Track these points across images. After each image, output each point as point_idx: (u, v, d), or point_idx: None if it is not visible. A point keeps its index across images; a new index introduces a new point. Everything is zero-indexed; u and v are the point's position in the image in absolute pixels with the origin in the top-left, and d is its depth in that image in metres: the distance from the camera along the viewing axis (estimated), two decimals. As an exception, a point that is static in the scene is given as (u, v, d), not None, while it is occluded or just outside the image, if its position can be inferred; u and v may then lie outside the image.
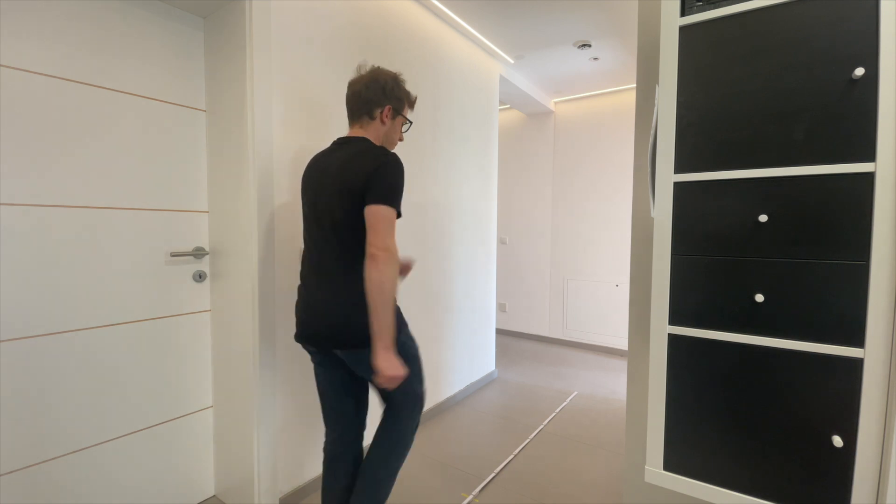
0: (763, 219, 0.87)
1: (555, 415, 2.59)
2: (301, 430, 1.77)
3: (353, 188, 1.16)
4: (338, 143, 1.32)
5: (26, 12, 1.25)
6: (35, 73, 1.28)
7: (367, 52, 1.98)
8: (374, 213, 1.14)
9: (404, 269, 1.49)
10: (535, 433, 2.35)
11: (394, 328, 1.16)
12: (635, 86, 1.33)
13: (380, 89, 1.28)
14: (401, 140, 1.41)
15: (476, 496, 1.80)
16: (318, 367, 1.36)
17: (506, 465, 2.03)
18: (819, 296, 0.83)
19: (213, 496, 1.76)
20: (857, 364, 0.80)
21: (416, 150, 2.31)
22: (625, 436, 1.46)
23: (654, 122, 1.04)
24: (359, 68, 1.36)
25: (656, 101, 1.01)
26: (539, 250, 4.25)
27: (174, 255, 1.58)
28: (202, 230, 1.68)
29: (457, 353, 2.76)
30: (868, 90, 0.77)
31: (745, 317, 0.90)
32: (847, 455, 0.82)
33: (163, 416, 1.59)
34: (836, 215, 0.81)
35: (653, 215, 1.00)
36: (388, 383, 1.16)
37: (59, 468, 1.36)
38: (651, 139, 1.06)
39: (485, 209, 3.00)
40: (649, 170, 1.06)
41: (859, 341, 0.80)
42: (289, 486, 1.73)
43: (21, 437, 1.28)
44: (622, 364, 3.54)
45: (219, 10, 1.58)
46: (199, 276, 1.67)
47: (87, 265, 1.39)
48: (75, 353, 1.38)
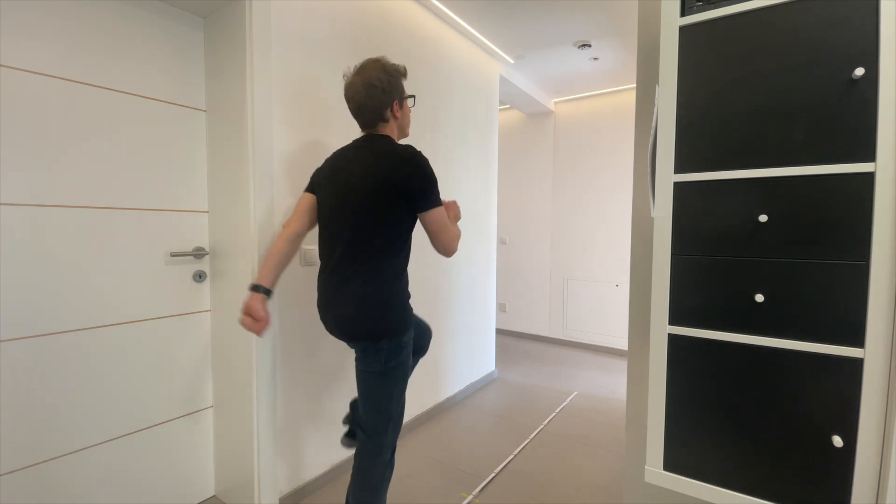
0: (763, 219, 0.87)
1: (555, 415, 2.59)
2: (301, 430, 1.77)
3: (384, 190, 1.21)
4: (361, 142, 1.34)
5: (26, 12, 1.25)
6: (35, 73, 1.28)
7: (366, 52, 1.97)
8: (432, 220, 1.24)
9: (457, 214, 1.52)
10: (534, 433, 2.35)
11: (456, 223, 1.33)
12: (635, 86, 1.33)
13: (380, 92, 1.28)
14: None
15: (476, 496, 1.80)
16: (356, 360, 1.35)
17: (506, 465, 2.03)
18: (819, 296, 0.83)
19: (213, 496, 1.76)
20: (857, 364, 0.80)
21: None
22: (625, 436, 1.46)
23: (654, 122, 1.04)
24: (345, 76, 1.35)
25: (656, 101, 1.01)
26: (539, 250, 4.25)
27: (174, 255, 1.58)
28: (202, 230, 1.68)
29: (457, 353, 2.76)
30: (868, 90, 0.77)
31: (745, 317, 0.90)
32: (847, 455, 0.82)
33: (163, 416, 1.59)
34: (836, 215, 0.81)
35: (653, 215, 1.00)
36: (452, 207, 1.40)
37: (59, 468, 1.36)
38: (651, 139, 1.06)
39: (485, 209, 3.00)
40: (649, 170, 1.06)
41: (859, 341, 0.80)
42: (289, 486, 1.74)
43: (21, 437, 1.28)
44: (622, 364, 3.53)
45: (219, 10, 1.58)
46: (199, 276, 1.67)
47: (86, 265, 1.39)
48: (75, 353, 1.38)
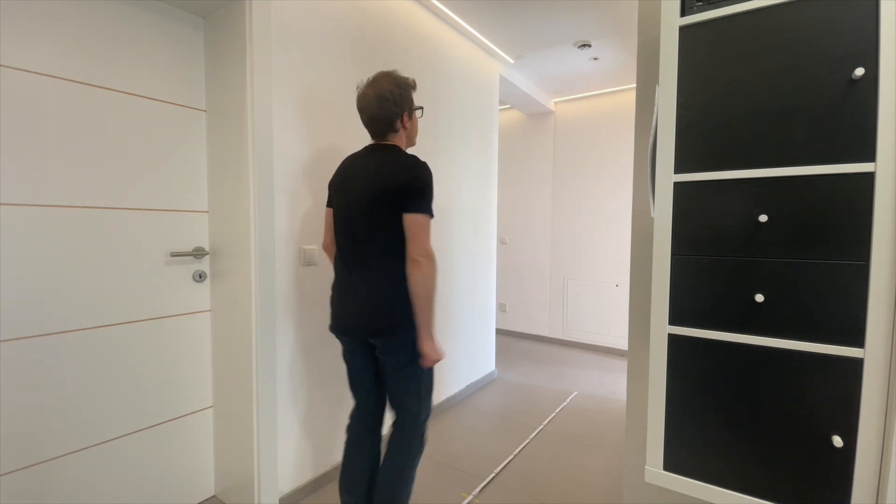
0: (763, 219, 0.87)
1: (555, 415, 2.59)
2: (301, 430, 1.77)
3: (387, 194, 1.28)
4: (370, 149, 1.42)
5: (26, 12, 1.25)
6: (35, 73, 1.28)
7: (366, 53, 1.98)
8: (413, 222, 1.27)
9: None
10: (535, 433, 2.35)
11: (434, 318, 1.32)
12: (635, 86, 1.33)
13: (392, 104, 1.35)
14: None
15: (476, 496, 1.80)
16: (349, 355, 1.46)
17: (506, 465, 2.03)
18: (819, 296, 0.83)
19: (213, 496, 1.76)
20: (857, 364, 0.80)
21: (416, 150, 2.29)
22: (625, 436, 1.46)
23: (654, 122, 1.04)
24: (358, 88, 1.42)
25: (656, 101, 1.01)
26: (539, 250, 4.25)
27: (174, 255, 1.58)
28: (202, 230, 1.68)
29: (457, 353, 2.76)
30: (868, 90, 0.77)
31: (745, 317, 0.90)
32: (847, 455, 0.82)
33: (163, 416, 1.59)
34: (836, 215, 0.81)
35: (653, 215, 1.00)
36: (429, 363, 1.34)
37: (59, 468, 1.36)
38: (651, 139, 1.06)
39: (485, 209, 3.00)
40: (649, 170, 1.06)
41: (859, 341, 0.80)
42: (289, 486, 1.74)
43: (21, 437, 1.28)
44: (622, 364, 3.54)
45: (219, 10, 1.58)
46: (199, 276, 1.67)
47: (87, 265, 1.39)
48: (75, 353, 1.38)
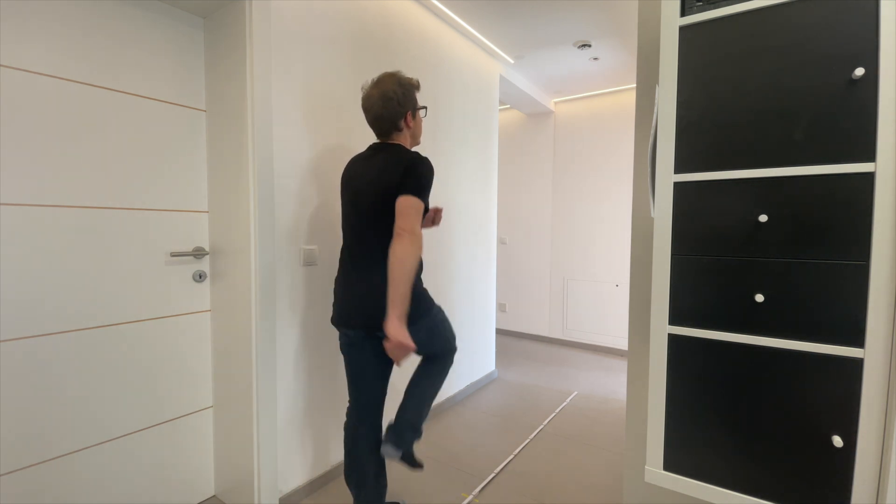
0: (763, 219, 0.87)
1: (555, 415, 2.59)
2: (301, 430, 1.77)
3: (389, 191, 1.30)
4: (374, 148, 1.44)
5: (26, 12, 1.25)
6: (35, 73, 1.28)
7: (367, 52, 1.98)
8: (403, 202, 1.28)
9: (437, 217, 1.68)
10: (535, 433, 2.35)
11: (408, 301, 1.25)
12: (635, 86, 1.33)
13: (396, 104, 1.38)
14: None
15: (476, 496, 1.80)
16: (350, 348, 1.46)
17: (506, 465, 2.03)
18: (819, 296, 0.83)
19: (213, 496, 1.76)
20: (857, 364, 0.80)
21: (416, 149, 2.30)
22: (625, 436, 1.46)
23: (654, 122, 1.04)
24: (363, 89, 1.44)
25: (656, 101, 1.01)
26: (539, 250, 4.24)
27: (174, 255, 1.58)
28: (202, 230, 1.68)
29: (457, 352, 2.75)
30: (868, 90, 0.77)
31: (745, 317, 0.90)
32: (847, 455, 0.82)
33: (163, 416, 1.59)
34: (836, 215, 0.81)
35: (653, 215, 1.00)
36: (395, 349, 1.23)
37: (59, 468, 1.36)
38: (651, 139, 1.06)
39: (485, 209, 3.00)
40: (649, 170, 1.06)
41: (859, 341, 0.80)
42: (289, 486, 1.74)
43: (21, 437, 1.28)
44: (622, 364, 3.53)
45: (219, 10, 1.58)
46: (199, 276, 1.67)
47: (87, 265, 1.39)
48: (75, 353, 1.38)
